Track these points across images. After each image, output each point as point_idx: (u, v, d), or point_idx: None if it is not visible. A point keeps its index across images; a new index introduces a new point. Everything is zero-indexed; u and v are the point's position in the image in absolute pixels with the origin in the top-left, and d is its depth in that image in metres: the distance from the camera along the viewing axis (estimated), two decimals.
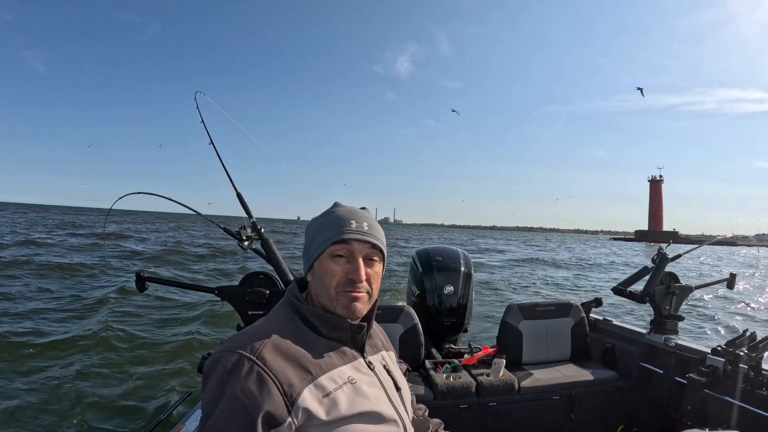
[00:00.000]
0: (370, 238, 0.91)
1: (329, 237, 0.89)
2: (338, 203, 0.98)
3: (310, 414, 0.78)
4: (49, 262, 10.87)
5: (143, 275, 1.92)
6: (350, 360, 0.90)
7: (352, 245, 0.89)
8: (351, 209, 0.95)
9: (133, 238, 21.97)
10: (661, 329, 2.58)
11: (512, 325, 2.62)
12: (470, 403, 2.24)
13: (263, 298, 1.95)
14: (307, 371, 0.81)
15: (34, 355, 4.70)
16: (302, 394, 0.78)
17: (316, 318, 0.89)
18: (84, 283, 8.94)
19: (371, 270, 0.92)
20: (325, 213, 0.96)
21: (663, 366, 2.52)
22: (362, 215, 0.94)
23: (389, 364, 1.02)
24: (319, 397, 0.80)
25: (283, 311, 0.92)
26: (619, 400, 2.47)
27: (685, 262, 21.98)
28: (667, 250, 2.63)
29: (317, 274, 0.91)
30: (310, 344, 0.86)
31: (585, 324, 2.73)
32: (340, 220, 0.91)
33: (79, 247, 16.13)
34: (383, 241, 0.95)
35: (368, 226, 0.92)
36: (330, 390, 0.82)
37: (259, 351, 0.79)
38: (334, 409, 0.80)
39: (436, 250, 3.33)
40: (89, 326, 5.83)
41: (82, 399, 3.80)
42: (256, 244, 2.07)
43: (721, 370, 2.07)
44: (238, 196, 2.13)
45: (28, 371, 4.27)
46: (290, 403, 0.76)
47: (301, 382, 0.79)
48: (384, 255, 0.95)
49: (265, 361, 0.78)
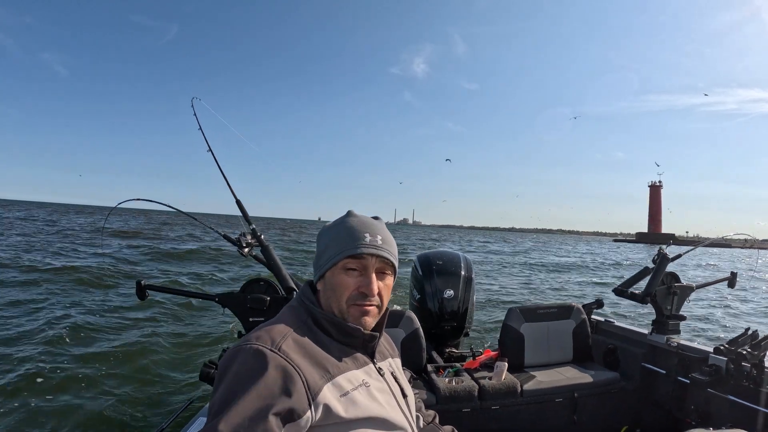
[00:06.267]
0: (384, 253, 0.90)
1: (343, 250, 0.89)
2: (351, 212, 0.97)
3: (329, 410, 0.78)
4: (52, 266, 10.81)
5: (143, 283, 1.92)
6: (362, 365, 0.91)
7: (365, 259, 0.89)
8: (364, 220, 0.94)
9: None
10: (662, 329, 2.58)
11: (514, 328, 2.62)
12: (473, 406, 2.23)
13: (264, 305, 1.94)
14: (325, 369, 0.81)
15: (30, 359, 4.66)
16: (323, 390, 0.78)
17: (329, 322, 0.89)
18: (83, 286, 8.88)
19: (383, 283, 0.92)
20: (338, 223, 0.95)
21: (665, 366, 2.52)
22: (376, 228, 0.93)
23: (396, 371, 1.03)
24: (337, 396, 0.80)
25: (296, 312, 0.92)
26: (622, 401, 2.46)
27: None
28: (667, 250, 2.64)
29: (329, 285, 0.91)
30: (325, 345, 0.86)
31: (587, 326, 2.72)
32: (354, 233, 0.90)
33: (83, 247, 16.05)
34: (395, 254, 0.95)
35: (382, 240, 0.91)
36: (348, 390, 0.82)
37: (280, 344, 0.79)
38: (352, 408, 0.81)
39: (437, 254, 3.34)
40: (86, 332, 5.79)
41: (80, 408, 3.76)
42: (256, 251, 2.07)
43: (724, 369, 2.07)
44: (238, 203, 2.13)
45: (25, 376, 4.23)
46: (312, 398, 0.77)
47: (321, 378, 0.80)
48: (395, 268, 0.95)
49: (287, 354, 0.78)
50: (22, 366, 4.50)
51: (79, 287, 8.74)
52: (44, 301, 7.42)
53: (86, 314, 6.90)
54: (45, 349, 5.07)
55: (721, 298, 10.85)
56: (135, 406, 3.89)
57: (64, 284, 8.91)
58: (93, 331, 5.94)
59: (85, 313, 6.98)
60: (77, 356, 4.96)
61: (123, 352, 5.15)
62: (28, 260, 11.29)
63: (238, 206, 2.13)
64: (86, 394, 4.02)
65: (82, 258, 13.38)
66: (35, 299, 7.56)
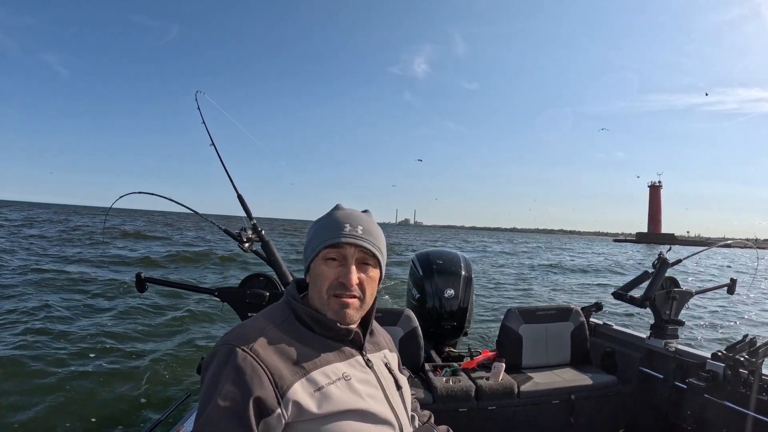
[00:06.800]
0: (363, 242, 0.89)
1: (323, 240, 0.89)
2: (339, 206, 0.96)
3: (301, 407, 0.78)
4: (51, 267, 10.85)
5: (143, 276, 1.93)
6: (347, 357, 0.90)
7: (344, 249, 0.88)
8: (349, 212, 0.93)
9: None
10: (661, 334, 2.58)
11: (512, 329, 2.62)
12: (470, 406, 2.23)
13: (263, 300, 1.95)
14: (299, 366, 0.82)
15: (32, 355, 4.68)
16: (293, 387, 0.79)
17: (308, 317, 0.90)
18: (82, 284, 8.91)
19: (365, 275, 0.90)
20: (325, 215, 0.95)
21: (663, 371, 2.52)
22: (358, 218, 0.92)
23: (391, 362, 1.02)
24: (311, 391, 0.80)
25: (279, 309, 0.93)
26: (619, 404, 2.47)
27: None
28: (667, 254, 2.63)
29: (312, 277, 0.91)
30: (306, 341, 0.87)
31: (585, 328, 2.72)
32: (336, 223, 0.90)
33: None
34: (379, 245, 0.92)
35: (363, 230, 0.90)
36: (322, 384, 0.82)
37: (252, 344, 0.80)
38: (325, 403, 0.80)
39: (436, 253, 3.33)
40: (86, 327, 5.82)
41: (79, 400, 3.78)
42: (256, 246, 2.07)
43: (721, 375, 2.07)
44: (239, 197, 2.13)
45: (25, 372, 4.25)
46: (280, 395, 0.77)
47: (293, 375, 0.80)
48: (380, 260, 0.93)
49: (257, 353, 0.79)
50: (21, 362, 4.53)
51: (79, 287, 8.77)
52: (39, 298, 7.45)
53: (83, 309, 6.93)
54: (43, 344, 5.10)
55: (720, 304, 10.84)
56: (132, 400, 3.91)
57: (63, 282, 8.95)
58: (90, 326, 5.97)
59: (82, 308, 7.02)
60: (75, 351, 4.99)
61: (122, 346, 5.18)
62: (20, 261, 11.32)
63: (240, 201, 2.13)
64: (85, 388, 4.04)
65: (81, 256, 13.43)
66: (34, 298, 7.59)
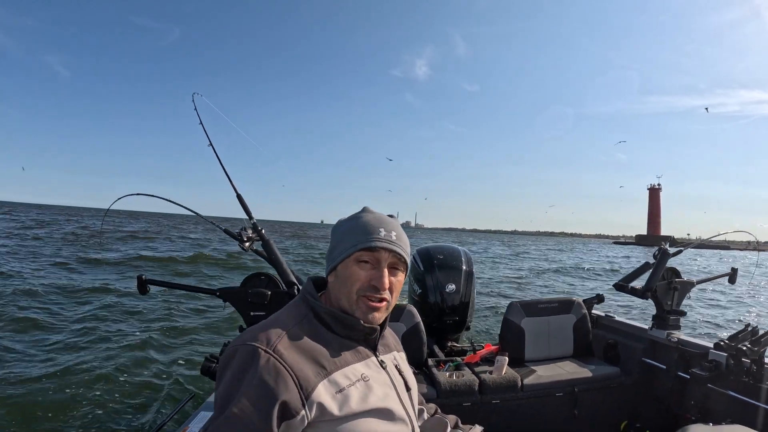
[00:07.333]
0: (397, 248, 0.91)
1: (357, 242, 0.90)
2: (367, 208, 0.98)
3: (324, 409, 0.79)
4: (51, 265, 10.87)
5: (144, 278, 1.92)
6: (363, 358, 0.92)
7: (379, 253, 0.90)
8: (380, 216, 0.96)
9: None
10: (663, 325, 2.59)
11: (514, 323, 2.62)
12: (473, 400, 2.24)
13: (265, 299, 1.95)
14: (321, 366, 0.82)
15: (33, 358, 4.70)
16: (317, 389, 0.79)
17: (329, 316, 0.90)
18: (82, 286, 8.92)
19: (394, 279, 0.93)
20: (354, 217, 0.96)
21: (665, 361, 2.52)
22: (391, 223, 0.94)
23: (401, 363, 1.04)
24: (332, 393, 0.81)
25: (297, 307, 0.93)
26: (622, 395, 2.47)
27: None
28: (667, 246, 2.63)
29: (340, 277, 0.92)
30: (325, 341, 0.87)
31: (587, 320, 2.72)
32: (369, 227, 0.92)
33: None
34: (408, 252, 0.96)
35: (396, 236, 0.93)
36: (344, 386, 0.83)
37: (275, 344, 0.80)
38: (346, 404, 0.81)
39: (437, 248, 3.33)
40: (87, 330, 5.83)
41: (84, 401, 3.79)
42: (257, 245, 2.07)
43: (724, 364, 2.07)
44: (239, 197, 2.12)
45: (31, 372, 4.26)
46: (305, 397, 0.78)
47: (316, 376, 0.80)
48: (408, 265, 0.96)
49: (281, 354, 0.79)
50: (23, 364, 4.54)
51: (80, 289, 8.78)
52: (39, 301, 7.45)
53: (87, 310, 6.94)
54: (43, 345, 5.11)
55: (723, 294, 10.85)
56: (137, 401, 3.92)
57: (62, 285, 8.95)
58: (94, 327, 5.98)
59: (85, 309, 7.02)
60: (78, 351, 5.00)
61: (125, 347, 5.19)
62: (18, 263, 11.33)
63: (239, 200, 2.12)
64: (88, 389, 4.04)
65: (81, 257, 13.43)
66: (34, 301, 7.59)
